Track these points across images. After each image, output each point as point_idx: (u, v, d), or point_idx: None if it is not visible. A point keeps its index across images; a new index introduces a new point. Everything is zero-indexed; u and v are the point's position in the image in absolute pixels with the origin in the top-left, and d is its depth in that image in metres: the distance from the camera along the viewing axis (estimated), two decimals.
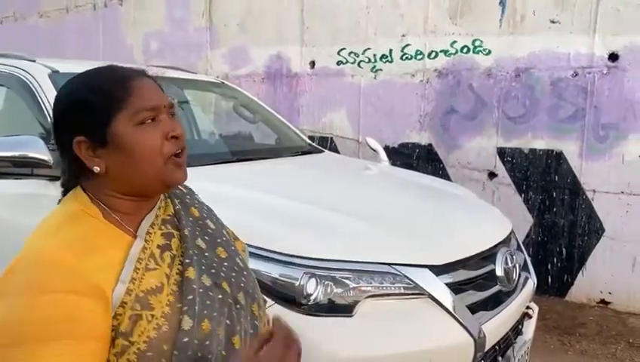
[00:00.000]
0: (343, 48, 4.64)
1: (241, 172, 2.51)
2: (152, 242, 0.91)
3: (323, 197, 2.15)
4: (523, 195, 3.97)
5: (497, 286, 1.98)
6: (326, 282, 1.63)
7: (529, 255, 2.54)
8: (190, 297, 0.87)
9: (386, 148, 3.69)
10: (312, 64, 4.84)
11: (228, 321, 0.91)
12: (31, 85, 2.37)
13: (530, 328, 2.22)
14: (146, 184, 0.91)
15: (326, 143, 4.67)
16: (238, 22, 5.25)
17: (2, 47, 4.03)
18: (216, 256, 0.99)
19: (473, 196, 2.83)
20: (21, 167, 2.10)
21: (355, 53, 4.59)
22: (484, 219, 2.37)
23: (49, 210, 2.21)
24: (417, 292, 1.70)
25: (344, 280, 1.64)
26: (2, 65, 2.57)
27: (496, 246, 2.05)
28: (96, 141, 0.86)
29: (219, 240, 1.03)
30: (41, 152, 2.07)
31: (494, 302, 1.93)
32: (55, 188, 2.15)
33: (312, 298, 1.61)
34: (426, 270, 1.73)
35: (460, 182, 3.85)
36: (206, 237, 1.01)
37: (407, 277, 1.69)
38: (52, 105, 0.90)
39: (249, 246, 1.52)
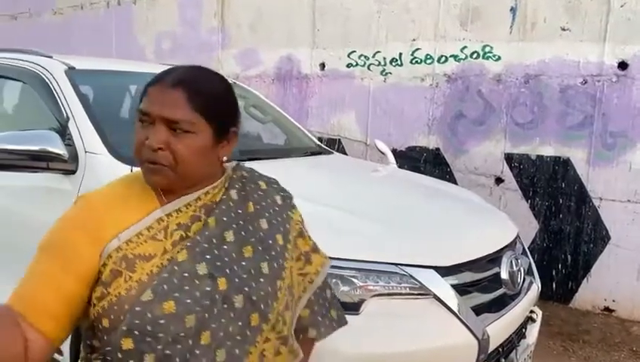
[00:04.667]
0: (354, 51, 4.67)
1: None
2: (175, 218, 0.98)
3: (332, 197, 2.18)
4: (529, 201, 3.98)
5: (502, 289, 2.00)
6: (334, 280, 1.65)
7: (534, 261, 2.55)
8: (165, 276, 0.92)
9: (394, 151, 3.71)
10: (322, 66, 4.88)
11: (206, 314, 0.91)
12: (47, 81, 2.40)
13: (533, 332, 2.24)
14: None
15: (334, 145, 4.70)
16: (249, 23, 5.29)
17: (16, 44, 4.08)
18: (236, 253, 0.98)
19: (480, 200, 2.85)
20: (36, 161, 2.14)
21: (365, 56, 4.62)
22: (491, 223, 2.39)
23: (63, 204, 2.24)
24: (423, 292, 1.72)
25: (351, 279, 1.67)
26: (19, 61, 2.61)
27: (501, 249, 2.07)
28: None
29: (253, 240, 1.02)
30: (58, 147, 2.12)
31: (499, 305, 1.96)
32: (69, 183, 2.20)
33: None
34: (432, 271, 1.75)
35: (467, 186, 3.85)
36: (242, 233, 1.01)
37: (414, 278, 1.72)
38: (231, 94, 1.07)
39: None
